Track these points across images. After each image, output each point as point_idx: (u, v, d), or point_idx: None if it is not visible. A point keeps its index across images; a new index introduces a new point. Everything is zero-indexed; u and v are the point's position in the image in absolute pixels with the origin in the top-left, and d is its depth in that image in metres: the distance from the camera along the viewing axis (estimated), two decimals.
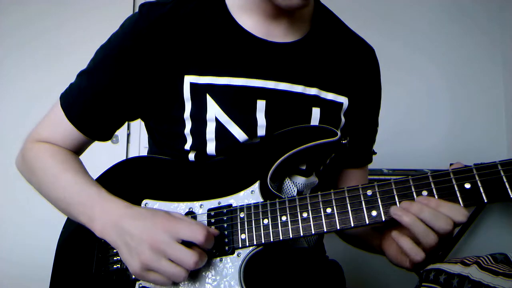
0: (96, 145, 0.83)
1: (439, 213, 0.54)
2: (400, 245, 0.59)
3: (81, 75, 0.77)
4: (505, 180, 0.52)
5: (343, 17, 0.85)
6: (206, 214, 0.67)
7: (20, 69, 2.38)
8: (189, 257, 0.57)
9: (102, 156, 1.29)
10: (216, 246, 0.64)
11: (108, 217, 0.64)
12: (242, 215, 0.65)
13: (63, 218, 0.81)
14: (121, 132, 2.35)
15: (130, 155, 2.39)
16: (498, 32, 2.40)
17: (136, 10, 0.75)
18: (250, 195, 0.67)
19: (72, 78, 0.79)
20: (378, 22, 2.39)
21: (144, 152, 2.36)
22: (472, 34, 2.41)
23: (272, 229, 0.63)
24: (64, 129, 0.76)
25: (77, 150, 0.80)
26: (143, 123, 0.84)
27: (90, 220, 0.66)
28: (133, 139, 2.41)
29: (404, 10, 2.46)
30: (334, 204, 0.60)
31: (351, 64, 0.81)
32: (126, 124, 0.83)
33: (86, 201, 0.68)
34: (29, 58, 2.38)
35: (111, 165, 0.79)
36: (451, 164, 1.82)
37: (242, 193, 0.68)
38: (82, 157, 0.82)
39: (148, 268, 0.59)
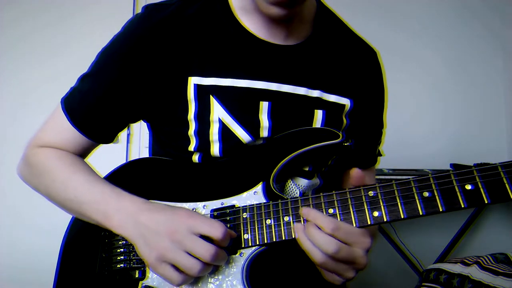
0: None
1: (326, 234, 0.56)
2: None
3: (84, 78, 0.77)
4: (506, 181, 0.52)
5: (346, 13, 0.85)
6: (209, 215, 0.68)
7: (17, 69, 2.36)
8: (206, 249, 0.58)
9: (103, 156, 1.28)
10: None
11: (125, 211, 0.65)
12: (245, 215, 0.66)
13: (63, 222, 0.81)
14: (122, 132, 2.35)
15: (131, 155, 2.40)
16: (499, 31, 2.40)
17: (136, 8, 0.75)
18: (253, 196, 0.68)
19: (69, 77, 0.79)
20: (378, 19, 2.38)
21: (145, 152, 2.37)
22: (474, 32, 2.41)
23: (275, 229, 0.63)
24: (67, 133, 0.76)
25: (82, 153, 0.79)
26: (144, 123, 0.84)
27: (105, 217, 0.66)
28: (134, 139, 2.41)
29: (404, 8, 2.46)
30: (336, 204, 0.61)
31: (354, 66, 0.81)
32: (127, 126, 0.83)
33: (100, 199, 0.68)
34: (24, 58, 2.36)
35: (116, 167, 0.79)
36: (451, 165, 1.82)
37: (245, 194, 0.68)
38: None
39: (164, 259, 0.59)
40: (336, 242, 0.56)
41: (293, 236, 0.61)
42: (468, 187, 0.54)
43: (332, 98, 0.77)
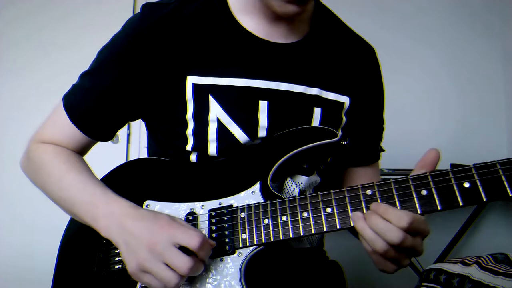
0: (97, 145, 0.83)
1: (390, 224, 0.54)
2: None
3: (84, 76, 0.77)
4: (504, 178, 0.52)
5: (343, 11, 0.85)
6: (207, 215, 0.68)
7: (16, 68, 2.36)
8: (184, 263, 0.58)
9: (102, 156, 1.29)
10: (217, 246, 0.64)
11: (112, 216, 0.65)
12: (242, 215, 0.66)
13: (62, 222, 0.81)
14: (122, 132, 2.35)
15: (131, 155, 2.40)
16: (499, 30, 2.39)
17: (136, 8, 0.75)
18: (251, 196, 0.67)
19: (69, 76, 0.79)
20: (377, 19, 2.38)
21: (144, 152, 2.36)
22: (473, 32, 2.41)
23: (272, 228, 0.63)
24: (67, 130, 0.76)
25: (81, 150, 0.80)
26: (143, 123, 0.84)
27: (94, 219, 0.67)
28: (134, 139, 2.41)
29: (404, 8, 2.46)
30: (334, 203, 0.61)
31: (352, 63, 0.81)
32: (126, 124, 0.83)
33: (90, 201, 0.68)
34: (24, 57, 2.36)
35: (114, 167, 0.79)
36: (451, 165, 1.82)
37: (243, 193, 0.68)
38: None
39: (143, 269, 0.59)
40: (401, 231, 0.54)
41: (351, 225, 0.59)
42: (466, 185, 0.54)
43: (330, 96, 0.77)
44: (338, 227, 0.60)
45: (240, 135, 0.72)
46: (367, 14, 2.36)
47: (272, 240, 0.63)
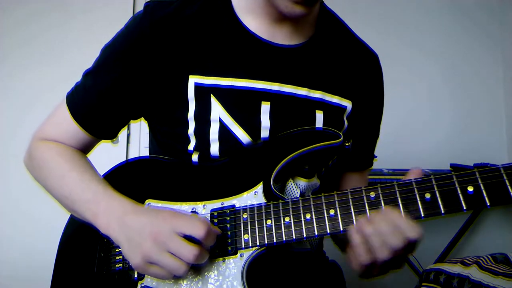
0: (96, 145, 0.83)
1: (395, 229, 0.55)
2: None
3: (87, 75, 0.77)
4: (507, 184, 0.52)
5: (343, 16, 0.85)
6: (209, 215, 0.68)
7: (20, 68, 2.36)
8: (189, 251, 0.58)
9: (102, 156, 1.28)
10: (219, 247, 0.64)
11: (112, 213, 0.65)
12: (245, 216, 0.66)
13: (63, 219, 0.81)
14: (121, 132, 2.33)
15: (130, 155, 2.39)
16: (498, 32, 2.40)
17: (136, 8, 0.75)
18: (253, 197, 0.67)
19: (72, 77, 0.79)
20: (377, 21, 2.38)
21: (144, 152, 2.36)
22: (472, 33, 2.41)
23: (275, 230, 0.63)
24: (69, 128, 0.77)
25: (84, 149, 0.80)
26: (143, 123, 0.84)
27: (94, 216, 0.67)
28: (133, 139, 2.40)
29: (404, 10, 2.46)
30: (337, 206, 0.61)
31: (354, 69, 0.81)
32: (128, 122, 0.83)
33: (91, 198, 0.68)
34: (28, 58, 2.36)
35: (115, 165, 0.79)
36: (451, 165, 1.81)
37: (245, 194, 0.68)
38: None
39: (149, 261, 0.60)
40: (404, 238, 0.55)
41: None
42: (470, 189, 0.54)
43: (333, 100, 0.77)
44: (341, 230, 0.60)
45: (242, 136, 0.72)
46: (367, 21, 2.36)
47: (274, 242, 0.63)
